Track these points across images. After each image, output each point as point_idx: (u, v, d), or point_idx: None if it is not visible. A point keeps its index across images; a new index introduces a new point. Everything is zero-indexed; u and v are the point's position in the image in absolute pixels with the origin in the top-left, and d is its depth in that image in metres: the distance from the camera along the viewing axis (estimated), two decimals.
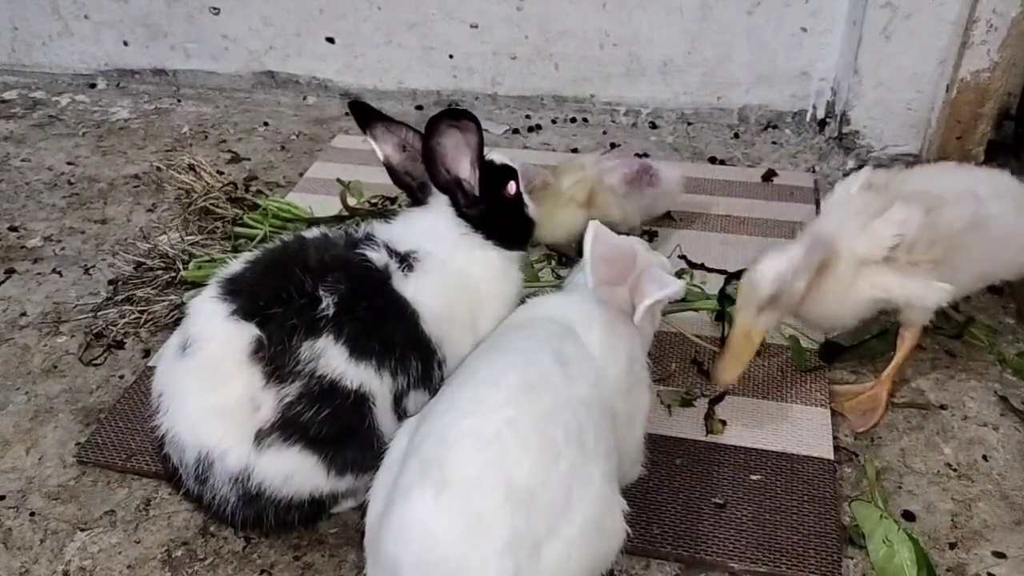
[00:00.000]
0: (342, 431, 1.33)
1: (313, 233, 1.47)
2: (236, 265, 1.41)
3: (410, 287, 1.41)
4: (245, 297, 1.33)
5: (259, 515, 1.35)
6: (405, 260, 1.43)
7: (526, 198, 1.59)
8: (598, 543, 1.15)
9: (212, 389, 1.29)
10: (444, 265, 1.46)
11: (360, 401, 1.33)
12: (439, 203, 1.51)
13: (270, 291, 1.32)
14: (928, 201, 1.56)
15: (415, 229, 1.49)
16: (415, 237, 1.47)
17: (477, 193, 1.47)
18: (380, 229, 1.48)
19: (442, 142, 1.42)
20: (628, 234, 1.60)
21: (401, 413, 1.39)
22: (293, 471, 1.32)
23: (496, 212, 1.52)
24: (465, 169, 1.46)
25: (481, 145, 1.44)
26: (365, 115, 1.52)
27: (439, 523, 1.06)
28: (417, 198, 1.55)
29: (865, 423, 1.67)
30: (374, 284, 1.39)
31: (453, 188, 1.47)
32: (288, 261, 1.38)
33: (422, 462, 1.11)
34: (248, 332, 1.29)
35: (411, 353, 1.39)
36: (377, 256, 1.41)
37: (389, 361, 1.36)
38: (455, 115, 1.39)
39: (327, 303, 1.32)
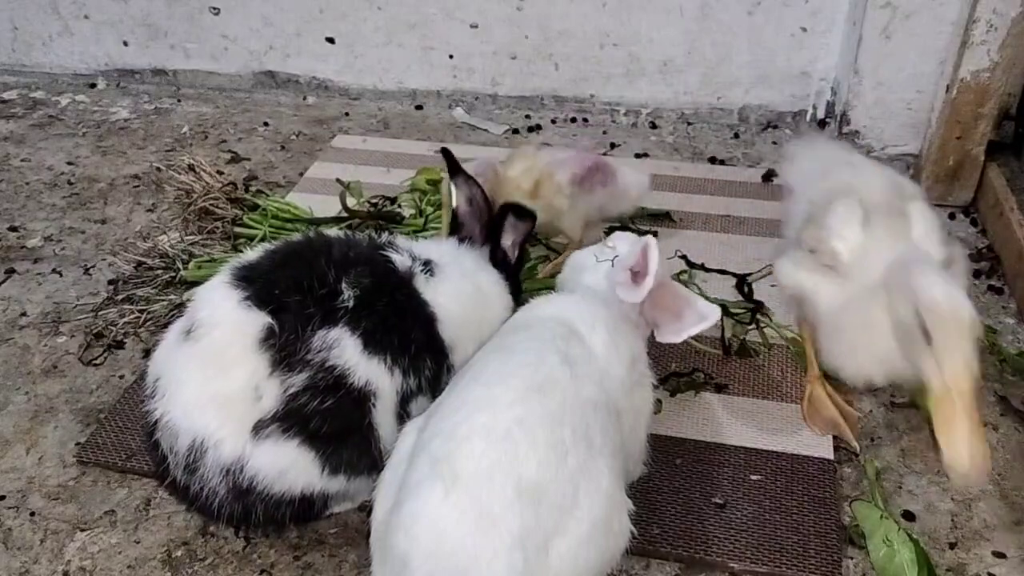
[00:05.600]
0: (341, 428, 1.33)
1: (336, 232, 1.52)
2: (252, 254, 1.42)
3: (431, 290, 1.45)
4: (260, 284, 1.33)
5: (247, 510, 1.34)
6: (427, 265, 1.48)
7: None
8: (605, 542, 1.15)
9: (214, 376, 1.29)
10: (464, 275, 1.52)
11: (363, 398, 1.33)
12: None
13: (289, 280, 1.34)
14: None
15: (440, 248, 1.57)
16: (438, 252, 1.54)
17: (514, 263, 1.65)
18: (403, 240, 1.54)
19: (507, 229, 1.60)
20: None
21: (405, 416, 1.39)
22: (288, 466, 1.31)
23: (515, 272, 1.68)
24: (508, 244, 1.63)
25: (530, 233, 1.65)
26: (454, 165, 1.65)
27: (449, 518, 1.07)
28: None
29: (825, 425, 1.64)
30: (396, 282, 1.42)
31: (499, 258, 1.64)
32: (312, 253, 1.41)
33: (432, 459, 1.12)
34: (260, 320, 1.29)
35: (425, 354, 1.41)
36: (400, 259, 1.46)
37: (402, 359, 1.37)
38: (520, 214, 1.59)
39: (347, 295, 1.34)
